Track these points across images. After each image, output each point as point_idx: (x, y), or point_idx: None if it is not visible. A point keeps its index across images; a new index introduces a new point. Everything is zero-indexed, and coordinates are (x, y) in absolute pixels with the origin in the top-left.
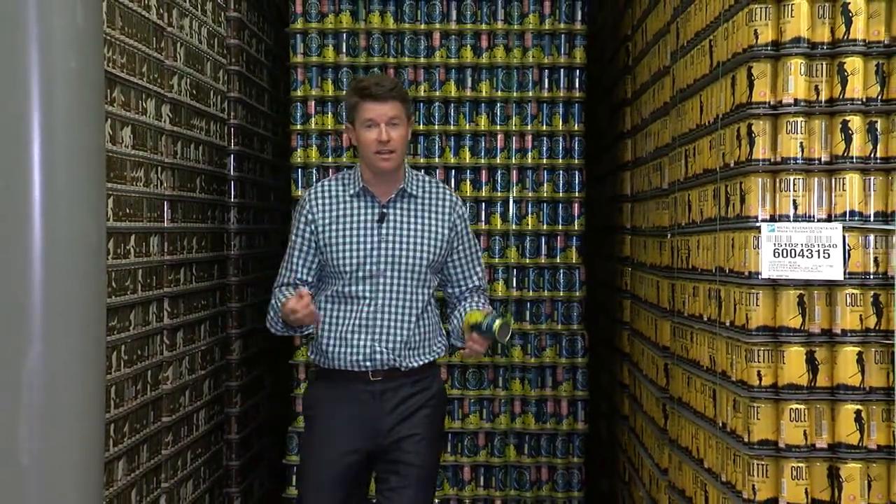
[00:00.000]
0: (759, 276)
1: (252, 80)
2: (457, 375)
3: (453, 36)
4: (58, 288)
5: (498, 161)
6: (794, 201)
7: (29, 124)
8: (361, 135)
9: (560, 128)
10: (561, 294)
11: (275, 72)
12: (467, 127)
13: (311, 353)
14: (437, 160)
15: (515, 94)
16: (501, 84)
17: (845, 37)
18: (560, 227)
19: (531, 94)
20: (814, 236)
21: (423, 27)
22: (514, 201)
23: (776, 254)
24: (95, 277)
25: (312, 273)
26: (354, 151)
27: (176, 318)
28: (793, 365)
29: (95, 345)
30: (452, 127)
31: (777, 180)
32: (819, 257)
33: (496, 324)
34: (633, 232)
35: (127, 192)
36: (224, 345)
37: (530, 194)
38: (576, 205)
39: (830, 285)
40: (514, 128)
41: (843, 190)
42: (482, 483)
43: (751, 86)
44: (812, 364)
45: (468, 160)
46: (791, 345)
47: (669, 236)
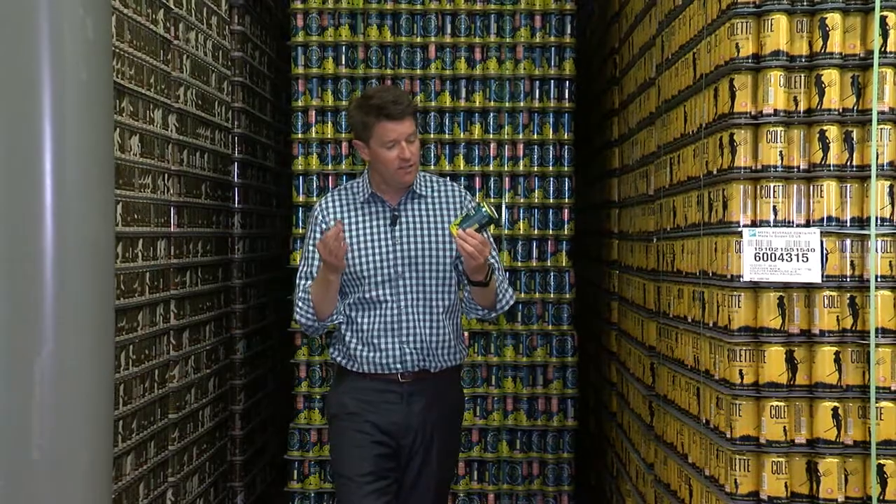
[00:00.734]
0: (741, 279)
1: (255, 91)
2: None
3: (448, 48)
4: (69, 290)
5: (491, 168)
6: (774, 207)
7: (41, 133)
8: (381, 154)
9: (550, 137)
10: (551, 296)
11: (277, 83)
12: (462, 136)
13: (336, 355)
14: (433, 167)
15: (508, 105)
16: (494, 95)
17: (822, 50)
18: (550, 232)
19: (523, 105)
20: (793, 241)
21: (419, 40)
22: (507, 207)
23: (757, 257)
24: (105, 280)
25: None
26: (354, 159)
27: (182, 319)
28: (773, 364)
29: (105, 344)
30: (447, 136)
31: (758, 187)
32: (798, 261)
33: (479, 203)
34: (621, 236)
35: (135, 199)
36: (228, 345)
37: (522, 200)
38: (565, 210)
39: (809, 288)
40: (507, 136)
41: (821, 196)
42: (476, 477)
43: (732, 97)
44: (791, 363)
45: (463, 167)
46: (771, 345)
47: (655, 241)
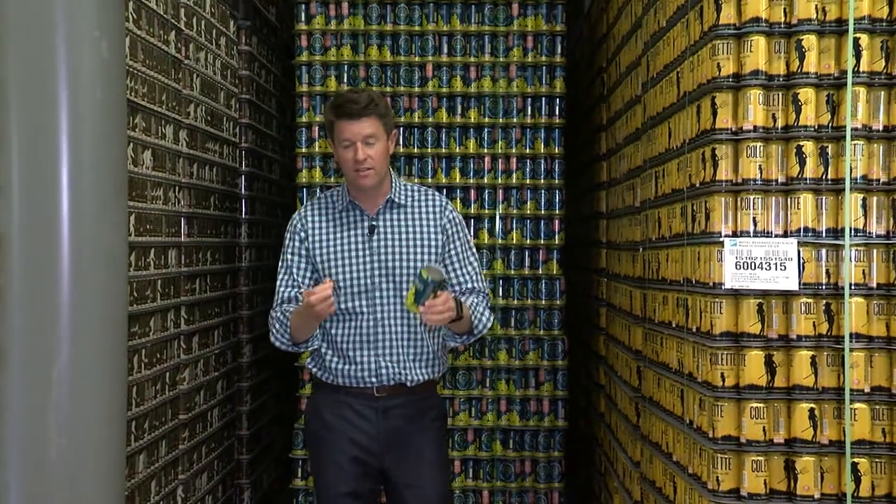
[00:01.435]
0: (723, 287)
1: (261, 108)
2: (448, 377)
3: (444, 67)
4: (84, 297)
5: (485, 181)
6: (754, 218)
7: (59, 147)
8: (339, 154)
9: (542, 151)
10: (543, 302)
11: (282, 100)
12: (457, 150)
13: (312, 366)
14: (431, 180)
15: (501, 121)
16: (488, 111)
17: (799, 70)
18: (542, 242)
19: (515, 121)
20: (771, 250)
21: (417, 59)
22: (500, 218)
23: (738, 266)
24: (118, 287)
25: (313, 286)
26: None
27: (192, 325)
28: (753, 367)
29: (118, 349)
30: (444, 150)
31: (738, 199)
32: (776, 269)
33: (422, 275)
34: (609, 246)
35: (147, 210)
36: (235, 349)
37: (515, 211)
38: (556, 221)
39: (787, 295)
40: (500, 151)
41: (798, 208)
42: (471, 475)
43: (714, 114)
44: (770, 366)
45: (458, 180)
46: (751, 349)
47: (641, 250)
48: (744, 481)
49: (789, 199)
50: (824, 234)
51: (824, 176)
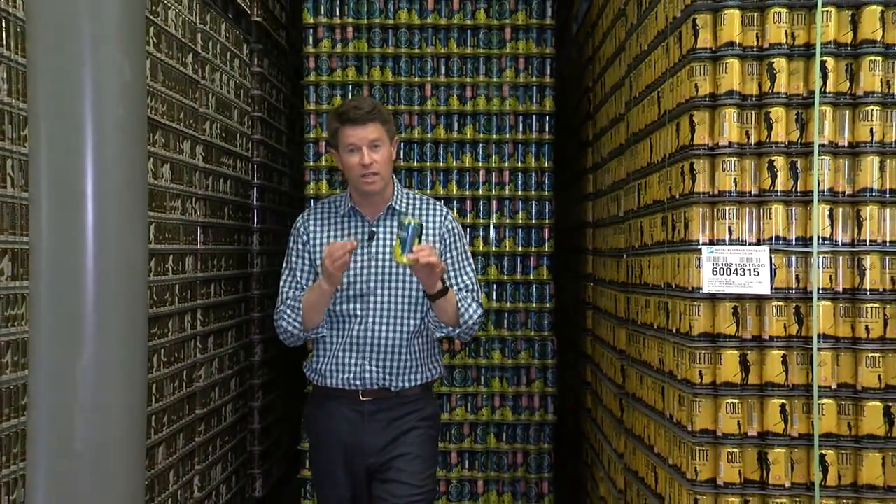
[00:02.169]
0: (700, 291)
1: (272, 125)
2: (445, 375)
3: (442, 87)
4: (107, 300)
5: (480, 193)
6: (729, 227)
7: (84, 162)
8: (345, 159)
9: (533, 165)
10: (534, 305)
11: (291, 117)
12: (454, 164)
13: (307, 371)
14: (429, 192)
15: (495, 136)
16: (483, 128)
17: (770, 90)
18: (533, 249)
19: (508, 136)
20: (745, 257)
21: (417, 80)
22: (494, 227)
23: (714, 272)
24: (139, 291)
25: None
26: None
27: (207, 326)
28: (728, 366)
29: (139, 348)
30: (442, 164)
31: (715, 210)
32: (750, 275)
33: (402, 222)
34: (595, 253)
35: (166, 220)
36: (248, 348)
37: (508, 221)
38: (546, 230)
39: (760, 298)
40: (494, 165)
41: (770, 218)
42: (467, 466)
43: (692, 130)
44: (744, 365)
45: (455, 192)
46: (727, 349)
47: (625, 257)
48: (720, 472)
49: (762, 210)
50: (794, 243)
51: (794, 188)
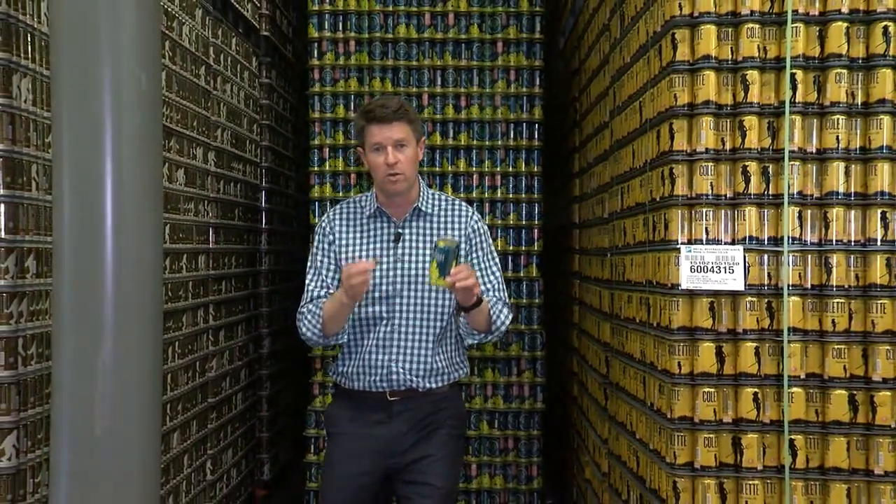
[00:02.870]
0: (679, 288)
1: (279, 132)
2: None
3: (438, 97)
4: (125, 296)
5: (474, 195)
6: (706, 228)
7: (104, 167)
8: (370, 159)
9: (523, 169)
10: (524, 301)
11: (297, 125)
12: (450, 169)
13: (332, 374)
14: None
15: (487, 143)
16: (476, 135)
17: (744, 100)
18: (523, 248)
19: (500, 143)
20: (721, 256)
21: (415, 90)
22: (488, 234)
23: (692, 269)
24: (155, 288)
25: None
26: (361, 188)
27: (219, 320)
28: (705, 357)
29: (155, 341)
30: (438, 168)
31: (692, 212)
32: (725, 272)
33: (439, 246)
34: (581, 252)
35: (180, 221)
36: (256, 341)
37: (499, 222)
38: (535, 230)
39: (734, 294)
40: (487, 169)
41: (744, 220)
42: None
43: (672, 138)
44: (720, 356)
45: (450, 195)
46: (704, 341)
47: (609, 255)
48: (697, 456)
49: (736, 212)
50: (766, 242)
51: (766, 192)
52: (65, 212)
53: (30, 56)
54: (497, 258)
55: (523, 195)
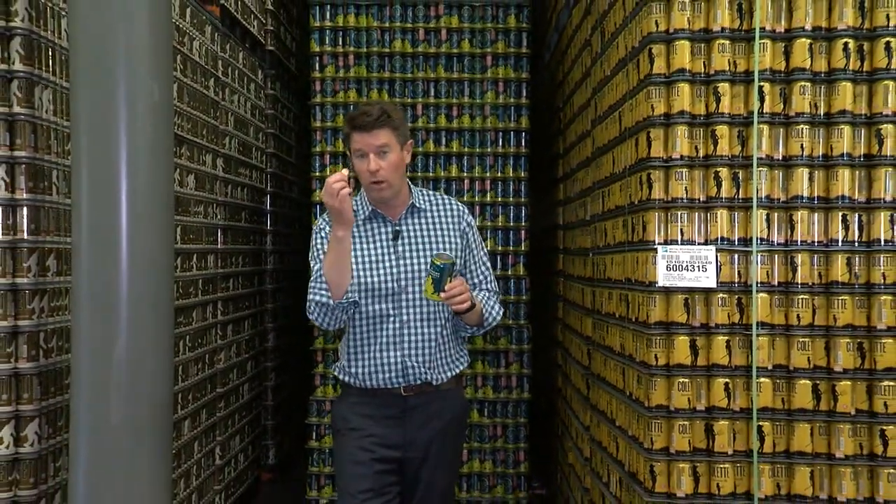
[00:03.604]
0: (656, 285)
1: (283, 140)
2: None
3: (432, 107)
4: (139, 293)
5: (465, 199)
6: (681, 230)
7: (119, 172)
8: (355, 165)
9: (510, 175)
10: (512, 297)
11: (300, 133)
12: (442, 174)
13: (339, 373)
14: None
15: (477, 150)
16: (467, 142)
17: (716, 111)
18: (511, 248)
19: (489, 150)
20: (695, 255)
21: (409, 101)
22: (477, 229)
23: (668, 268)
24: (166, 285)
25: None
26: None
27: (226, 316)
28: (680, 350)
29: (166, 335)
30: (431, 174)
31: (668, 214)
32: (699, 271)
33: (434, 263)
34: (565, 252)
35: (190, 223)
36: (262, 335)
37: (489, 223)
38: (522, 232)
39: (707, 291)
40: (477, 175)
41: (716, 222)
42: None
43: (649, 145)
44: (694, 349)
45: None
46: (679, 335)
47: (591, 255)
48: (672, 441)
49: (709, 215)
50: (736, 243)
51: (736, 196)
52: (83, 214)
53: (51, 69)
54: (486, 251)
55: (511, 199)
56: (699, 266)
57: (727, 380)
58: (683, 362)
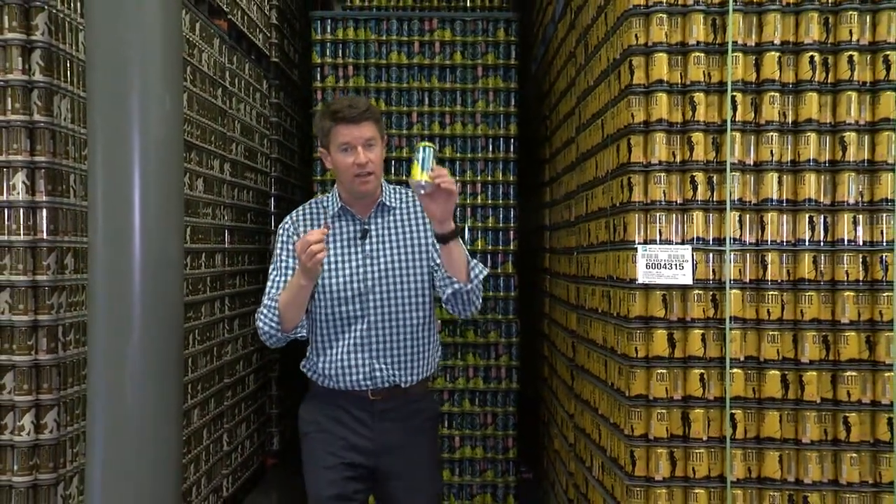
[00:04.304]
0: (636, 282)
1: (286, 146)
2: None
3: (426, 115)
4: (151, 290)
5: (457, 201)
6: (660, 230)
7: (132, 176)
8: (338, 160)
9: (500, 178)
10: (501, 294)
11: (302, 140)
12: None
13: (307, 370)
14: None
15: (469, 155)
16: (459, 148)
17: (692, 119)
18: (500, 248)
19: (480, 155)
20: (672, 254)
21: (405, 109)
22: (469, 229)
23: (647, 266)
24: (177, 282)
25: None
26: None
27: (233, 311)
28: (658, 343)
29: (177, 329)
30: None
31: (647, 216)
32: (676, 269)
33: (417, 146)
34: (552, 251)
35: (199, 224)
36: None
37: (479, 224)
38: (511, 232)
39: (684, 288)
40: (468, 178)
41: (692, 223)
42: (446, 425)
43: (630, 151)
44: (671, 342)
45: None
46: (657, 329)
47: (576, 254)
48: (651, 428)
49: (685, 216)
50: (711, 242)
51: (711, 198)
52: (98, 216)
53: (69, 80)
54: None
55: (500, 201)
56: (676, 264)
57: (702, 371)
58: (661, 354)
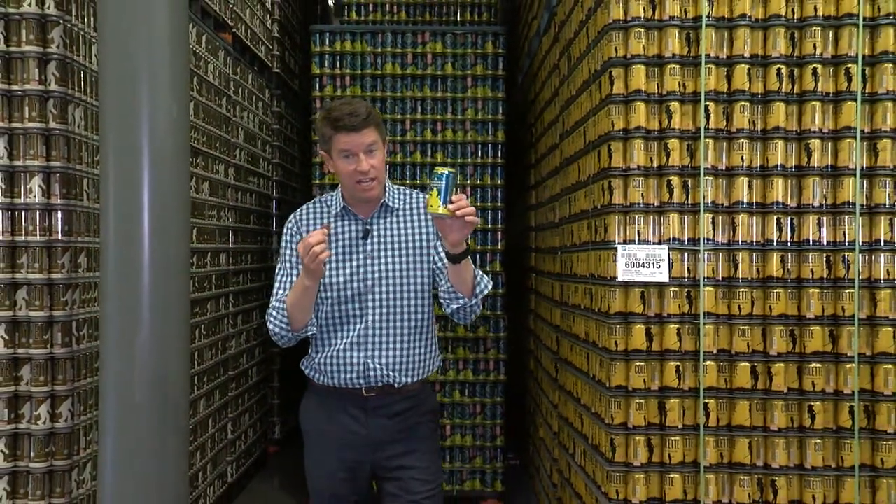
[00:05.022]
0: (616, 280)
1: (287, 151)
2: None
3: (419, 122)
4: (159, 288)
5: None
6: (638, 231)
7: (142, 180)
8: (340, 166)
9: (489, 182)
10: (489, 291)
11: (302, 145)
12: (428, 181)
13: (305, 368)
14: None
15: (459, 160)
16: (450, 154)
17: (668, 126)
18: (489, 248)
19: (470, 161)
20: (650, 254)
21: (399, 117)
22: None
23: (627, 265)
24: (184, 280)
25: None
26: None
27: (237, 307)
28: (637, 337)
29: (184, 324)
30: (418, 182)
31: (627, 217)
32: (653, 267)
33: (437, 172)
34: (537, 251)
35: (205, 225)
36: None
37: None
38: (499, 232)
39: (661, 285)
40: (459, 182)
41: (668, 224)
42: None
43: (610, 157)
44: (649, 336)
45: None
46: (636, 324)
47: (560, 253)
48: (630, 417)
49: (662, 217)
50: (686, 243)
51: (686, 201)
52: (110, 217)
53: (82, 89)
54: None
55: (489, 203)
56: (654, 263)
57: (678, 363)
58: (640, 348)
